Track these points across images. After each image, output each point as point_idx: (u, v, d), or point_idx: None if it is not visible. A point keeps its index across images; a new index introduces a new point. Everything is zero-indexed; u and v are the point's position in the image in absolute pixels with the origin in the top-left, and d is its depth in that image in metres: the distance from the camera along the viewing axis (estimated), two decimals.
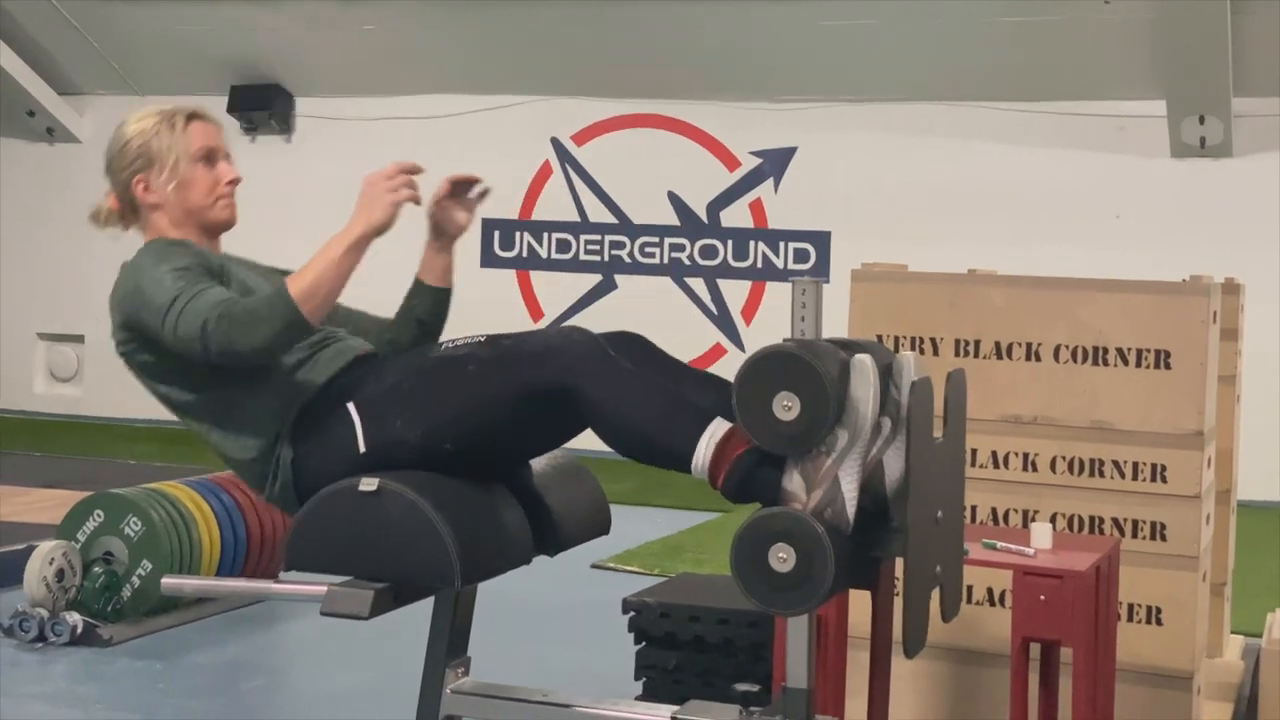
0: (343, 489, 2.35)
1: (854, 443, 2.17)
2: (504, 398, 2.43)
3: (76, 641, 4.49)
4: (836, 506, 2.15)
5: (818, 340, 2.22)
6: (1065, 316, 3.58)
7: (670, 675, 3.85)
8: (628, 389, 2.35)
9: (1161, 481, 3.49)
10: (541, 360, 2.41)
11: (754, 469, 2.24)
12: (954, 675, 3.59)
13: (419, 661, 4.23)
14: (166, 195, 2.84)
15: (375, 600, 2.26)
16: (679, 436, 2.31)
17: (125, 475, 6.97)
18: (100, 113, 10.93)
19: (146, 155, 2.84)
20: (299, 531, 2.36)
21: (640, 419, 2.34)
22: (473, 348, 2.52)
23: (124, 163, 2.86)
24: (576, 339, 2.43)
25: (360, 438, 2.49)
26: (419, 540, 2.28)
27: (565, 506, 2.59)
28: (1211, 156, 8.56)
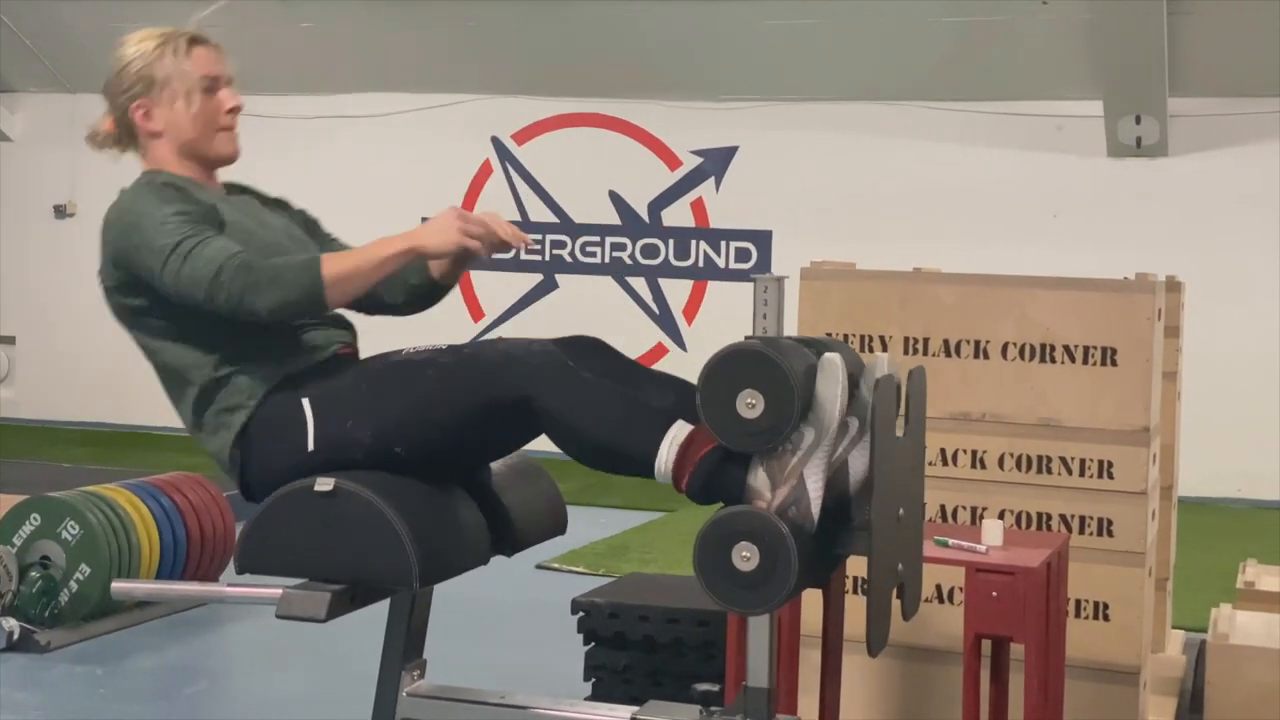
0: (297, 489, 2.31)
1: (820, 441, 2.16)
2: (460, 405, 2.40)
3: (13, 648, 4.41)
4: (801, 505, 2.13)
5: (781, 338, 2.21)
6: (1013, 314, 3.59)
7: (620, 675, 3.83)
8: (586, 398, 2.33)
9: (1108, 478, 3.51)
10: (500, 369, 2.38)
11: (718, 469, 2.22)
12: (904, 672, 3.59)
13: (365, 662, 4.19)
14: (167, 123, 2.74)
15: (332, 602, 2.22)
16: (639, 442, 2.28)
17: (61, 478, 6.86)
18: (32, 111, 10.78)
19: (147, 80, 2.74)
20: (252, 533, 2.32)
21: (599, 427, 2.32)
22: (433, 354, 2.48)
23: (122, 86, 2.75)
24: (535, 349, 2.40)
25: (310, 435, 2.45)
26: (376, 541, 2.24)
27: (522, 506, 2.56)
28: (1147, 156, 8.66)
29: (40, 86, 10.67)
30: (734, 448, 2.16)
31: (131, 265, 2.59)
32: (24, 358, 10.84)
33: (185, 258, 2.49)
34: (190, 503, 5.05)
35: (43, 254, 10.72)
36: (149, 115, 2.74)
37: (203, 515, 5.07)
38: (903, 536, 2.23)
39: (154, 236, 2.53)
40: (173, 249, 2.50)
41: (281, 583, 2.27)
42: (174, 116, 2.73)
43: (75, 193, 10.68)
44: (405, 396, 2.43)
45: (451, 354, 2.46)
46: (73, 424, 10.43)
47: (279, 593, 2.23)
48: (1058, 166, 8.87)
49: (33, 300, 10.74)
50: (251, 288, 2.44)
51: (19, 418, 10.59)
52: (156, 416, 10.77)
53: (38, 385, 10.75)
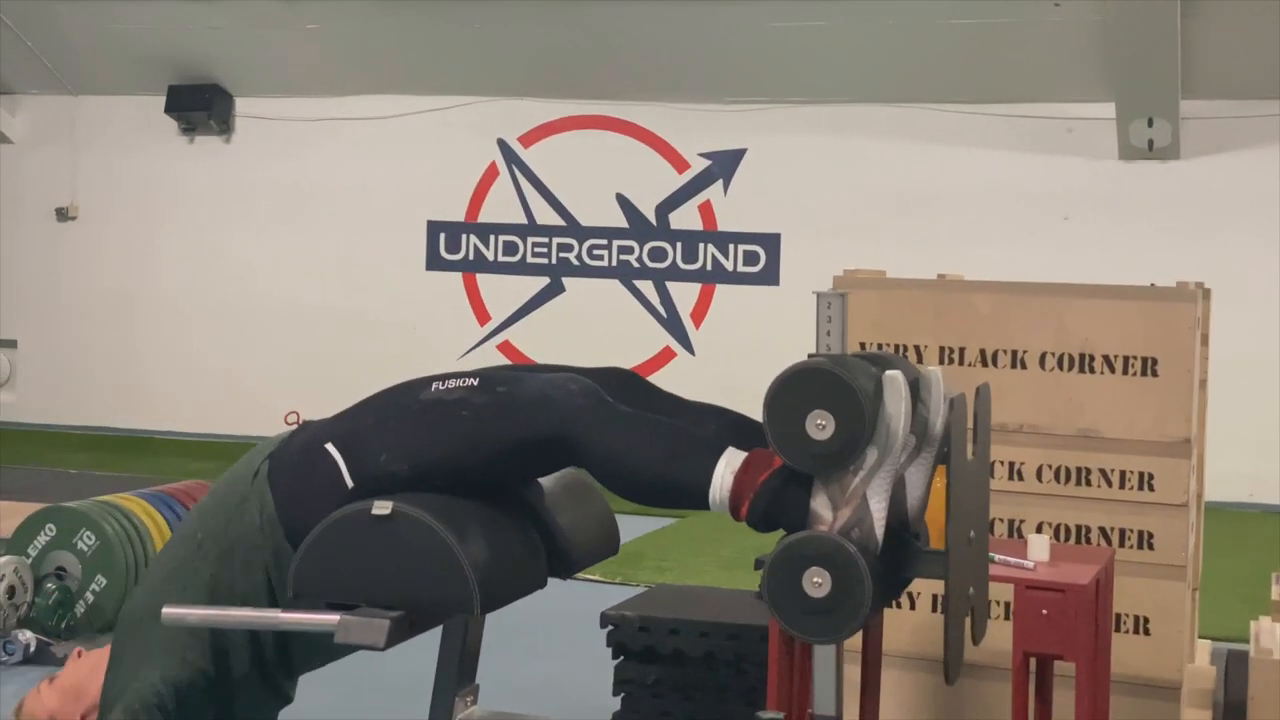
0: (353, 513, 2.25)
1: (883, 460, 2.10)
2: (498, 446, 2.35)
3: (30, 660, 4.34)
4: (865, 526, 2.08)
5: (848, 355, 2.15)
6: (1051, 324, 3.54)
7: (650, 690, 3.77)
8: (630, 433, 2.28)
9: (1149, 490, 3.46)
10: (537, 410, 2.33)
11: (779, 493, 2.17)
12: (941, 687, 3.53)
13: (386, 679, 4.14)
14: None
15: (391, 629, 2.16)
16: (691, 473, 2.23)
17: (67, 485, 6.81)
18: (33, 112, 10.71)
19: None
20: (307, 557, 2.25)
21: (646, 462, 2.27)
22: (466, 393, 2.41)
23: None
24: (573, 389, 2.35)
25: (345, 473, 2.40)
26: (436, 566, 2.18)
27: (576, 527, 2.50)
28: (1159, 159, 8.61)
29: (41, 88, 10.60)
30: (802, 469, 2.10)
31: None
32: (25, 361, 10.76)
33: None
34: None
35: (44, 256, 10.65)
36: None
37: None
38: (973, 559, 2.18)
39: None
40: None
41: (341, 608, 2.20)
42: None
43: (76, 195, 10.60)
44: (443, 436, 2.38)
45: (484, 392, 2.40)
46: (75, 428, 10.36)
47: (336, 619, 2.17)
48: (1069, 169, 8.82)
49: (34, 303, 10.66)
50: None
51: (21, 422, 10.51)
52: (159, 420, 10.77)
53: (39, 389, 10.67)
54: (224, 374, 10.17)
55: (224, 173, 10.33)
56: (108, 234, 10.50)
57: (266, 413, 9.88)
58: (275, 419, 9.80)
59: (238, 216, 10.32)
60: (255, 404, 9.95)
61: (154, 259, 10.40)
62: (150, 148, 10.42)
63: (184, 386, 10.28)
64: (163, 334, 10.38)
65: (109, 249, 10.50)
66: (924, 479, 2.14)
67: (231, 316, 10.21)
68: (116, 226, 10.49)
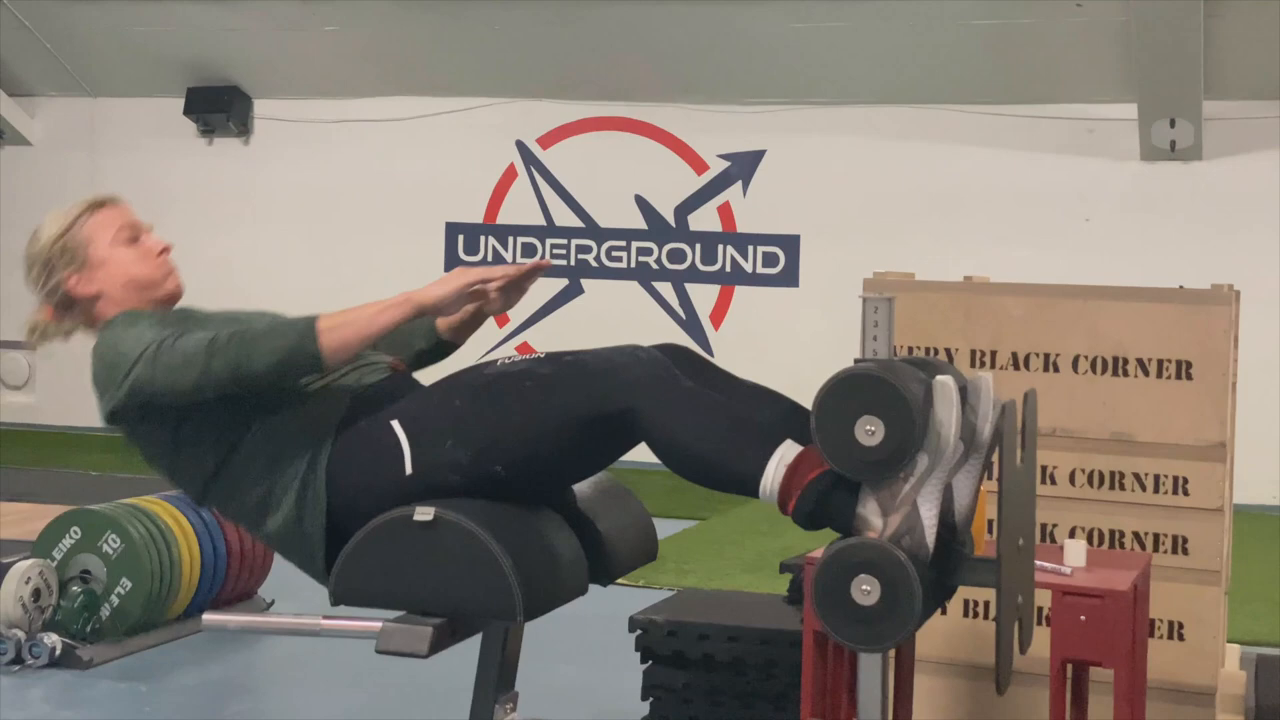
0: (395, 519, 2.23)
1: (934, 467, 2.08)
2: (563, 417, 2.33)
3: (55, 664, 4.33)
4: (915, 534, 2.06)
5: (896, 360, 2.13)
6: (1083, 326, 3.50)
7: (678, 695, 3.75)
8: (691, 411, 2.25)
9: (1183, 494, 3.42)
10: (602, 378, 2.31)
11: (827, 494, 2.15)
12: (974, 693, 3.51)
13: (416, 683, 4.14)
14: (102, 283, 2.74)
15: (434, 636, 2.14)
16: (745, 460, 2.21)
17: (89, 487, 6.81)
18: (52, 115, 10.73)
19: (69, 250, 2.74)
20: (348, 563, 2.23)
21: (704, 442, 2.24)
22: (530, 364, 2.40)
23: (50, 267, 2.75)
24: (641, 356, 2.33)
25: (407, 459, 2.38)
26: (479, 573, 2.16)
27: (616, 533, 2.48)
28: (1182, 159, 8.57)
29: (60, 90, 10.61)
30: (851, 476, 2.08)
31: (128, 388, 2.53)
32: (44, 363, 10.76)
33: (172, 347, 2.47)
34: None
35: None
36: (83, 280, 2.74)
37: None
38: (1022, 567, 2.16)
39: (133, 349, 2.51)
40: (158, 347, 2.49)
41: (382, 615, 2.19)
42: (106, 275, 2.73)
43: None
44: (505, 411, 2.36)
45: (550, 363, 2.39)
46: (94, 430, 10.35)
47: (379, 626, 2.16)
48: (1090, 170, 8.79)
49: None
50: (246, 347, 2.41)
51: (40, 423, 10.53)
52: None
53: (59, 391, 10.67)
54: None
55: (242, 174, 10.34)
56: None
57: None
58: None
59: (256, 218, 10.32)
60: None
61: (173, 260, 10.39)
62: (169, 150, 10.43)
63: None
64: None
65: None
66: (972, 486, 2.12)
67: None
68: None
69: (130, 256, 2.77)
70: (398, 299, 2.47)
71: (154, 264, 2.79)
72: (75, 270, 2.73)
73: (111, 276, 2.73)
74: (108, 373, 2.55)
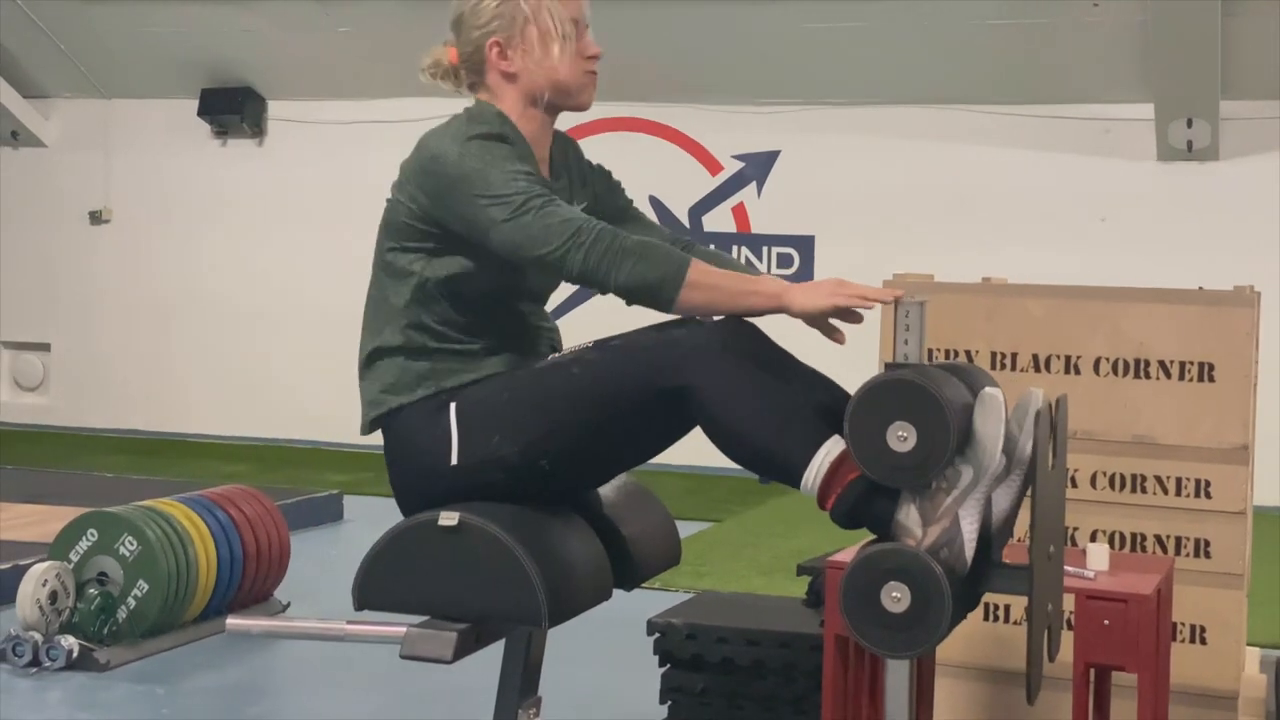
0: (420, 523, 2.22)
1: (978, 481, 2.06)
2: (611, 396, 2.28)
3: (72, 666, 4.33)
4: (955, 547, 2.04)
5: (931, 366, 2.11)
6: (1105, 328, 3.49)
7: (698, 698, 3.74)
8: (744, 391, 2.21)
9: (1206, 497, 3.41)
10: (654, 354, 2.26)
11: (866, 497, 2.13)
12: (994, 697, 3.50)
13: (433, 686, 4.12)
14: (524, 68, 2.52)
15: (459, 642, 2.13)
16: (792, 451, 2.18)
17: (104, 489, 6.81)
18: (66, 116, 10.74)
19: (510, 17, 2.52)
20: (372, 567, 2.22)
21: (754, 426, 2.20)
22: (579, 352, 2.36)
23: (479, 20, 2.54)
24: (695, 331, 2.28)
25: (455, 449, 2.34)
26: (504, 579, 2.15)
27: (640, 537, 2.47)
28: (1198, 160, 8.54)
29: (75, 92, 10.63)
30: (881, 482, 2.06)
31: (456, 209, 2.41)
32: (59, 364, 10.79)
33: (538, 213, 2.32)
34: (245, 516, 4.98)
35: (77, 260, 10.68)
36: (505, 55, 2.54)
37: (258, 529, 5.00)
38: (1052, 574, 2.14)
39: (501, 187, 2.36)
40: (524, 203, 2.33)
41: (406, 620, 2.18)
42: (535, 60, 2.53)
43: (110, 198, 10.63)
44: (556, 398, 2.32)
45: (599, 349, 2.35)
46: (108, 431, 10.39)
47: (403, 631, 2.15)
48: (1106, 170, 8.76)
49: (68, 307, 10.69)
50: (614, 254, 2.28)
51: (55, 425, 10.54)
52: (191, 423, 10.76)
53: (73, 392, 10.70)
54: (257, 376, 10.18)
55: (256, 175, 10.34)
56: (141, 237, 10.52)
57: (300, 416, 9.89)
58: (308, 422, 9.81)
59: (270, 219, 10.32)
60: (288, 406, 9.96)
61: (187, 262, 10.41)
62: (183, 151, 10.44)
63: (216, 389, 10.29)
64: (196, 337, 10.39)
65: (142, 252, 10.52)
66: (1011, 500, 2.10)
67: (265, 319, 10.21)
68: (149, 230, 10.51)
69: (568, 55, 2.55)
70: (769, 289, 2.36)
71: (583, 68, 2.59)
72: (504, 39, 2.54)
73: (539, 67, 2.53)
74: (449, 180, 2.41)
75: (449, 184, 2.41)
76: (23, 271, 10.75)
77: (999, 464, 2.08)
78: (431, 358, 2.44)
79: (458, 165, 2.41)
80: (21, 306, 10.81)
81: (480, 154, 2.41)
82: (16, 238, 10.76)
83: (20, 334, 10.89)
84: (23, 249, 10.75)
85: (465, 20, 2.58)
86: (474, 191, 2.38)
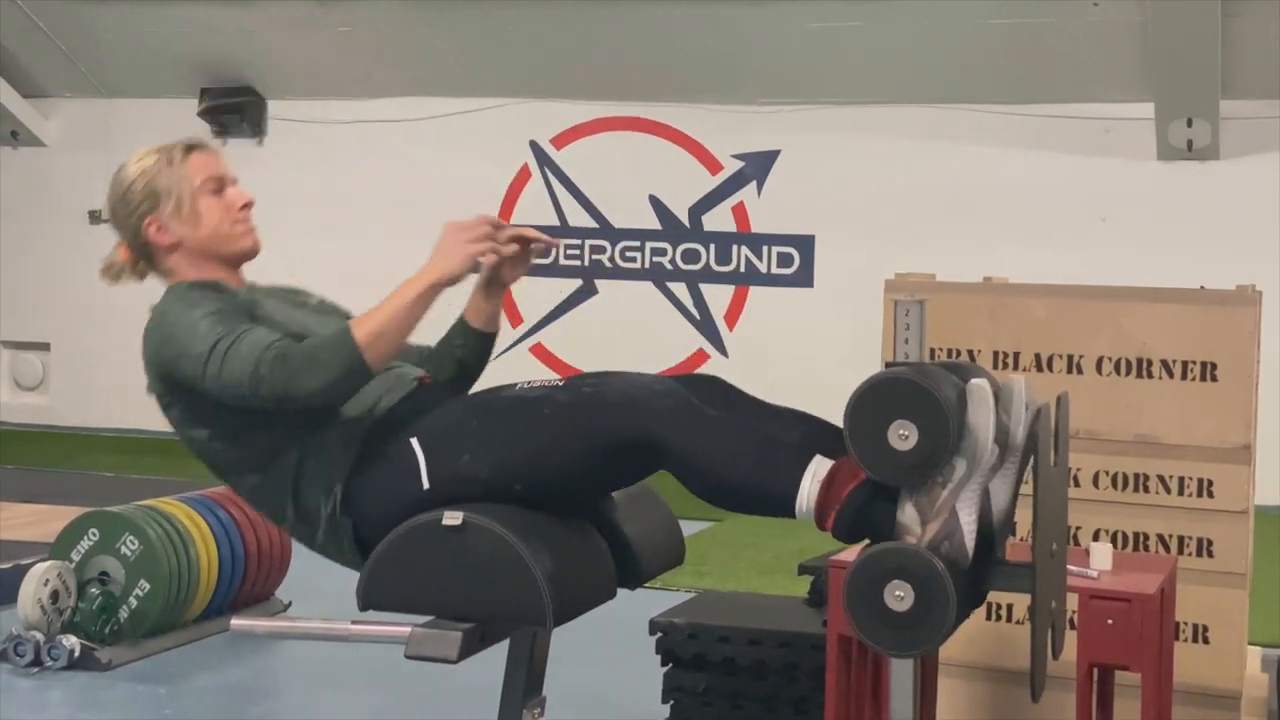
0: (423, 523, 2.22)
1: (972, 472, 2.06)
2: (580, 446, 2.31)
3: (74, 665, 4.33)
4: (955, 540, 2.04)
5: (928, 364, 2.11)
6: (1107, 328, 3.49)
7: (700, 698, 3.74)
8: (716, 438, 2.23)
9: (1208, 497, 3.41)
10: (622, 411, 2.28)
11: (865, 506, 2.13)
12: (997, 696, 3.50)
13: (435, 685, 4.12)
14: (182, 233, 2.69)
15: (464, 642, 2.13)
16: (778, 481, 2.19)
17: (104, 488, 6.81)
18: (66, 116, 10.73)
19: (153, 194, 2.68)
20: (377, 568, 2.23)
21: (733, 467, 2.23)
22: (549, 391, 2.38)
23: (130, 208, 2.69)
24: (658, 390, 2.31)
25: (424, 473, 2.36)
26: (509, 578, 2.15)
27: (643, 537, 2.47)
28: (1199, 159, 8.54)
29: (74, 92, 10.62)
30: (885, 482, 2.06)
31: (175, 377, 2.53)
32: (58, 364, 10.78)
33: (222, 359, 2.43)
34: (247, 516, 4.98)
35: (76, 259, 10.63)
36: (163, 229, 2.69)
37: (259, 529, 5.00)
38: (1055, 572, 2.14)
39: (189, 344, 2.48)
40: (209, 354, 2.45)
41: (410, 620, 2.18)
42: (186, 224, 2.69)
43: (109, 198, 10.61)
44: (521, 437, 2.34)
45: (568, 391, 2.36)
46: (107, 431, 10.38)
47: (408, 631, 2.15)
48: (1107, 170, 8.76)
49: (66, 306, 10.67)
50: (292, 377, 2.38)
51: (53, 424, 10.53)
52: None
53: (72, 392, 10.69)
54: None
55: (257, 175, 10.19)
56: None
57: None
58: None
59: (270, 218, 10.18)
60: None
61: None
62: None
63: None
64: None
65: None
66: (1009, 490, 2.11)
67: None
68: None
69: (214, 210, 2.70)
70: (418, 288, 2.45)
71: (234, 219, 2.73)
72: (155, 216, 2.68)
73: (191, 229, 2.68)
74: (156, 348, 2.53)
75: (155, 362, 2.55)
76: (22, 271, 10.75)
77: (992, 454, 2.08)
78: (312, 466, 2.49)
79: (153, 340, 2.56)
80: (21, 306, 10.81)
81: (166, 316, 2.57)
82: (16, 237, 10.76)
83: (20, 334, 10.89)
84: (22, 249, 10.75)
85: (117, 213, 2.73)
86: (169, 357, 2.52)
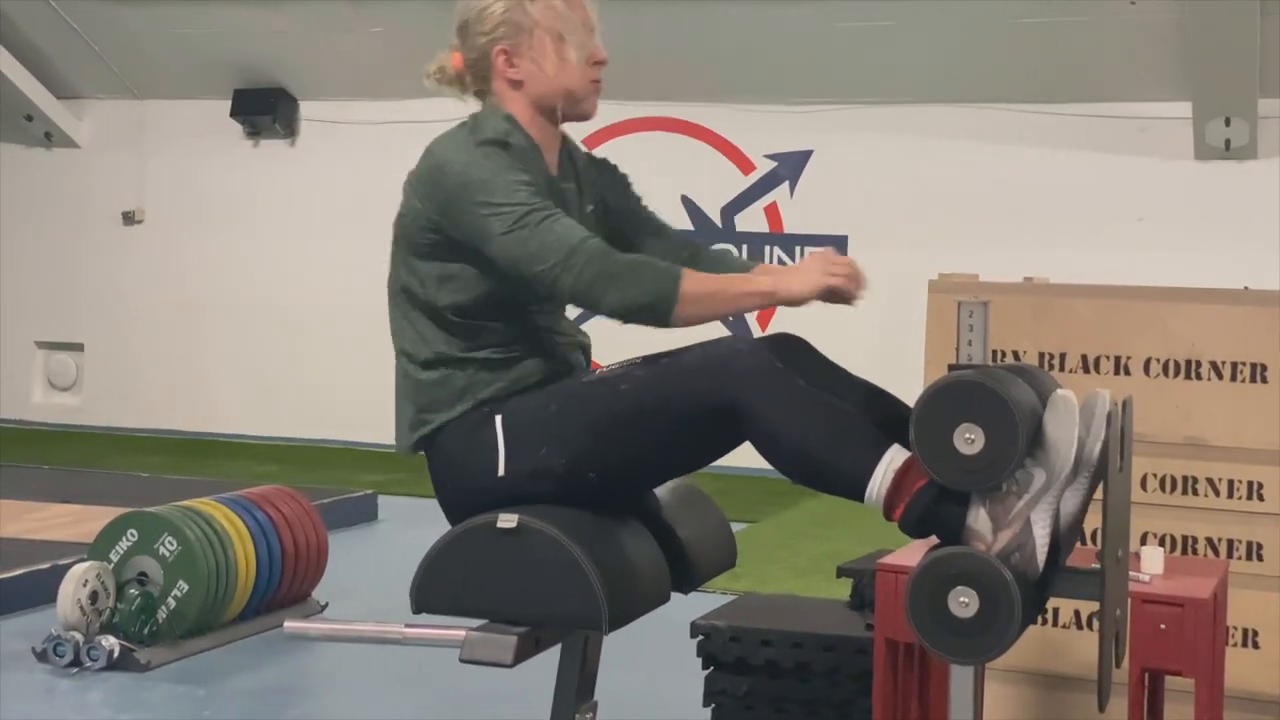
0: (478, 525, 2.20)
1: (1050, 485, 2.03)
2: (660, 416, 2.26)
3: (113, 666, 4.33)
4: (1026, 551, 2.00)
5: (997, 367, 2.08)
6: (1155, 328, 3.45)
7: (741, 702, 3.71)
8: (798, 407, 2.18)
9: (1258, 499, 3.37)
10: (703, 375, 2.24)
11: (935, 504, 2.10)
12: (1043, 701, 3.46)
13: (473, 687, 4.11)
14: (531, 74, 2.47)
15: (519, 646, 2.11)
16: (852, 463, 2.15)
17: (140, 489, 6.82)
18: (99, 117, 10.77)
19: (514, 24, 2.47)
20: (430, 570, 2.21)
21: (811, 442, 2.17)
22: (627, 368, 2.35)
23: (485, 27, 2.48)
24: (742, 349, 2.26)
25: (501, 460, 2.32)
26: (564, 582, 2.13)
27: (697, 540, 2.45)
28: (1236, 159, 8.47)
29: (108, 93, 10.66)
30: (950, 485, 2.03)
31: (458, 218, 2.37)
32: (92, 364, 10.82)
33: (535, 228, 2.30)
34: (284, 516, 4.98)
35: (110, 260, 10.71)
36: (512, 62, 2.48)
37: (296, 529, 5.00)
38: (1120, 579, 2.11)
39: (503, 198, 2.33)
40: (523, 216, 2.31)
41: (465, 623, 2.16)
42: (542, 67, 2.48)
43: (143, 199, 10.66)
44: (602, 414, 2.29)
45: (647, 365, 2.32)
46: (141, 431, 10.41)
47: (462, 634, 2.13)
48: (1143, 170, 8.70)
49: (101, 307, 10.72)
50: (604, 277, 2.27)
51: (88, 424, 10.57)
52: (224, 423, 10.77)
53: (106, 392, 10.73)
54: (289, 376, 10.19)
55: (288, 176, 10.35)
56: (174, 238, 10.54)
57: (332, 416, 9.90)
58: (340, 422, 9.82)
59: (302, 219, 10.33)
60: (320, 407, 9.97)
61: (220, 262, 10.43)
62: (215, 151, 10.46)
63: (249, 389, 10.31)
64: (228, 337, 10.41)
65: (175, 252, 10.54)
66: (1079, 502, 2.07)
67: (297, 319, 10.22)
68: (182, 230, 10.53)
69: (574, 61, 2.50)
70: (761, 287, 2.34)
71: (589, 76, 2.52)
72: (511, 46, 2.49)
73: (547, 75, 2.49)
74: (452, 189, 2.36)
75: (452, 193, 2.38)
76: (56, 272, 10.80)
77: (1071, 468, 2.04)
78: (465, 370, 2.41)
79: (461, 174, 2.38)
80: (55, 307, 10.86)
81: (484, 162, 2.39)
82: (50, 238, 10.80)
83: (53, 334, 10.93)
84: (56, 249, 10.80)
85: (470, 26, 2.54)
86: (475, 200, 2.36)
